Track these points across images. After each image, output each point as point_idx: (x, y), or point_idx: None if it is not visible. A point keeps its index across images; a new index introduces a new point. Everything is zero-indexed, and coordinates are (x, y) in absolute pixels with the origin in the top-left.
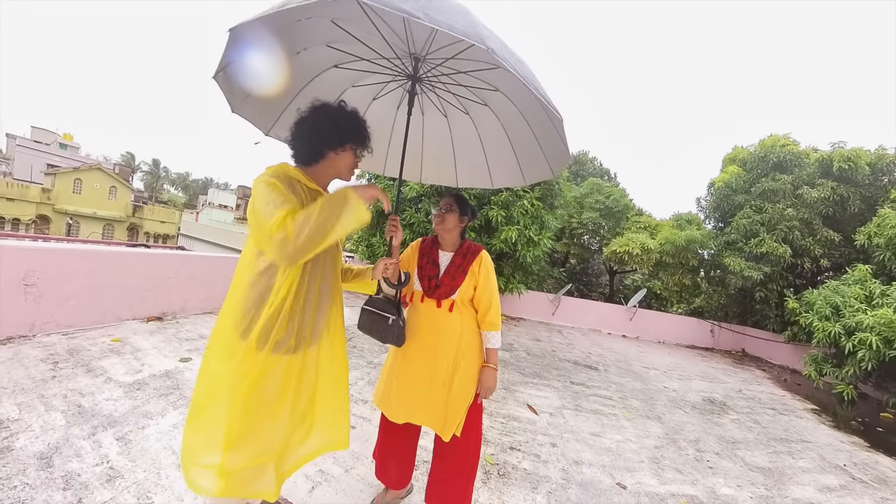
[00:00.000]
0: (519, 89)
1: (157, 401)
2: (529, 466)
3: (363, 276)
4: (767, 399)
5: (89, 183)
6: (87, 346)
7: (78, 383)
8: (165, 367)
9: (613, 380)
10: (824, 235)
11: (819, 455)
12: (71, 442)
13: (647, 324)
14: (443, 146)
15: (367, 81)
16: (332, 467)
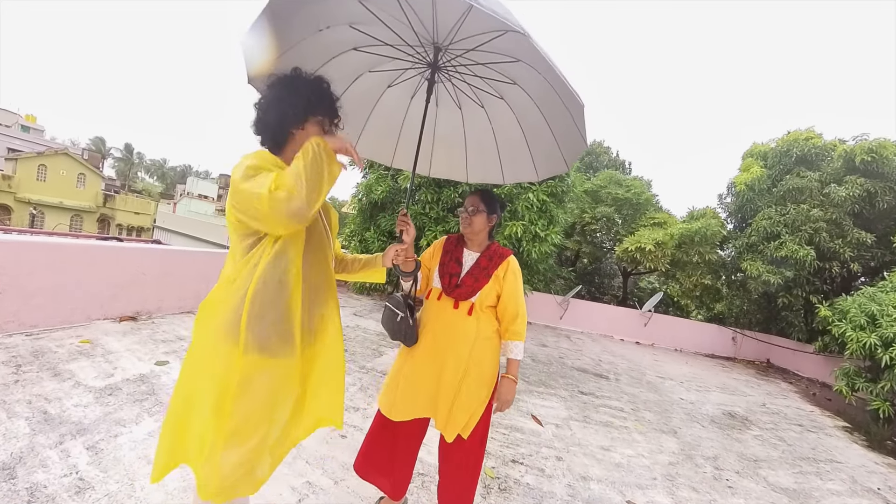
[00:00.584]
0: (537, 81)
1: (131, 407)
2: (533, 481)
3: (372, 264)
4: (794, 414)
5: (55, 169)
6: (54, 347)
7: (44, 388)
8: (140, 370)
9: (625, 390)
10: (855, 237)
11: (850, 477)
12: (36, 451)
13: (662, 330)
14: (455, 139)
15: (385, 67)
16: (320, 479)
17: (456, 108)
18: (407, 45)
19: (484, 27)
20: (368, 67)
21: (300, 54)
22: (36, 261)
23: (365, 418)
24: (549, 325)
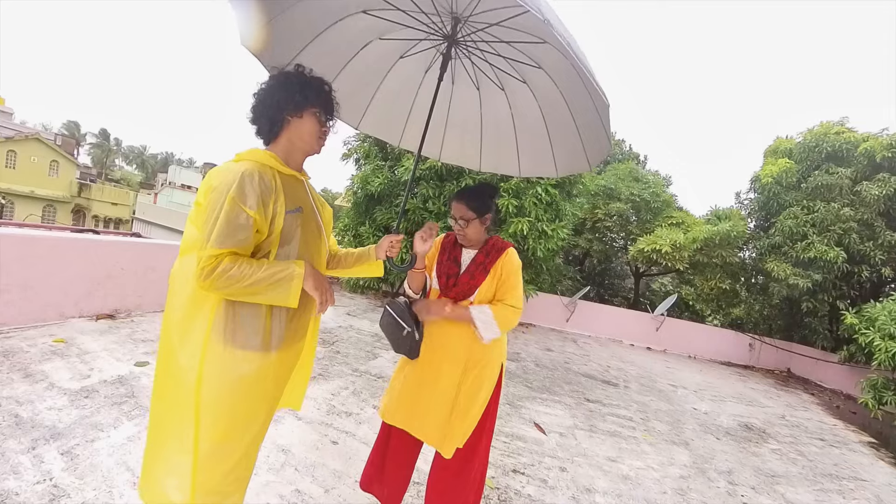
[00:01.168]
0: (565, 69)
1: (109, 410)
2: (534, 492)
3: (366, 257)
4: (815, 428)
5: (25, 155)
6: (25, 347)
7: (14, 390)
8: (118, 371)
9: (635, 398)
10: (887, 238)
11: (876, 496)
12: (7, 457)
13: (676, 335)
14: (470, 123)
15: (397, 35)
16: (310, 486)
17: (474, 88)
18: (422, 13)
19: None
20: (379, 34)
21: (303, 13)
22: (5, 254)
23: (358, 423)
24: (555, 328)
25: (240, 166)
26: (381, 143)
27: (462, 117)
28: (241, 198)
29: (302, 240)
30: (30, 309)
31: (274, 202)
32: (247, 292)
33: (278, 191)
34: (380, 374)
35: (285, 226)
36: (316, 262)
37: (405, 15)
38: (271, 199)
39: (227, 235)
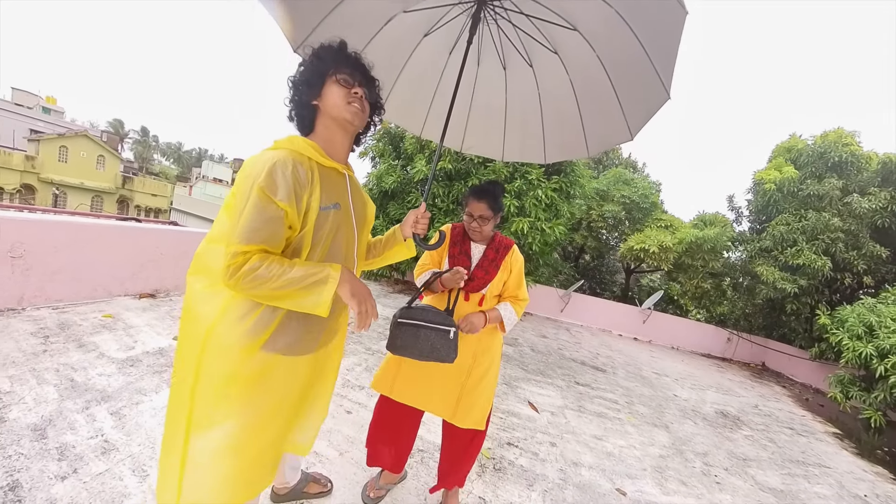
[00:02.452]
0: (605, 14)
1: (151, 378)
2: (526, 463)
3: (394, 239)
4: (786, 418)
5: (75, 151)
6: (79, 321)
7: (70, 358)
8: (159, 344)
9: (621, 383)
10: (870, 250)
11: (838, 482)
12: (64, 415)
13: (661, 328)
14: (494, 108)
15: (423, 4)
16: (326, 449)
17: (500, 68)
18: None
19: None
20: (403, 5)
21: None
22: (60, 239)
23: (369, 396)
24: (550, 317)
25: (274, 154)
26: (394, 143)
27: (486, 101)
28: (270, 188)
29: (334, 239)
30: (82, 287)
31: (308, 195)
32: (275, 296)
33: (314, 183)
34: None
35: (318, 223)
36: (347, 261)
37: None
38: (305, 191)
39: (253, 230)
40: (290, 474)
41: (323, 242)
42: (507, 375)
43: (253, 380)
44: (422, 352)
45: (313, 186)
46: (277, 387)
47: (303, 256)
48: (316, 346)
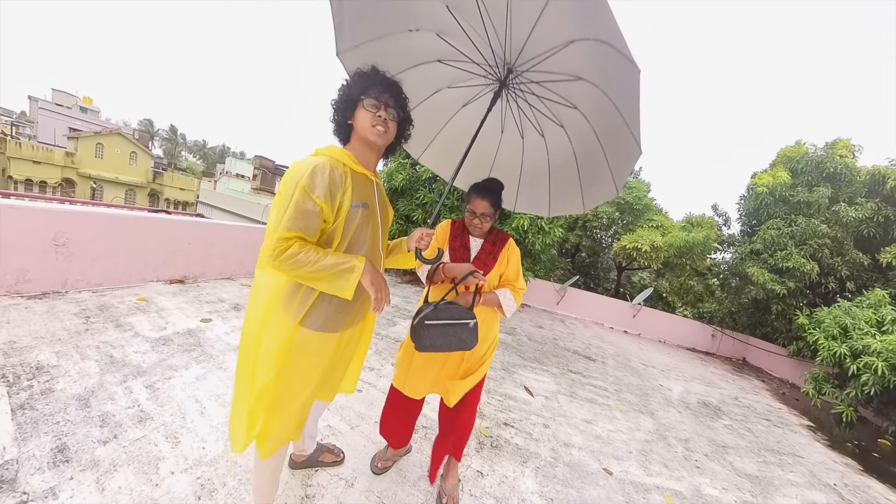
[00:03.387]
0: (597, 96)
1: (181, 355)
2: (521, 442)
3: (398, 248)
4: (763, 409)
5: (110, 148)
6: (116, 303)
7: (109, 336)
8: (188, 325)
9: (611, 372)
10: (854, 257)
11: (810, 471)
12: (105, 387)
13: (650, 322)
14: (511, 169)
15: (462, 83)
16: (339, 424)
17: (518, 136)
18: (484, 60)
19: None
20: (448, 82)
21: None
22: (98, 229)
23: (378, 377)
24: (547, 309)
25: (315, 160)
26: None
27: (505, 162)
28: (310, 187)
29: (363, 234)
30: (118, 273)
31: (342, 195)
32: (310, 277)
33: (347, 185)
34: (397, 338)
35: (348, 218)
36: (374, 256)
37: (469, 62)
38: (339, 191)
39: (294, 220)
40: (308, 443)
41: (352, 235)
42: (505, 362)
43: (293, 350)
44: (450, 346)
45: (346, 188)
46: (310, 358)
47: (333, 246)
48: (342, 327)
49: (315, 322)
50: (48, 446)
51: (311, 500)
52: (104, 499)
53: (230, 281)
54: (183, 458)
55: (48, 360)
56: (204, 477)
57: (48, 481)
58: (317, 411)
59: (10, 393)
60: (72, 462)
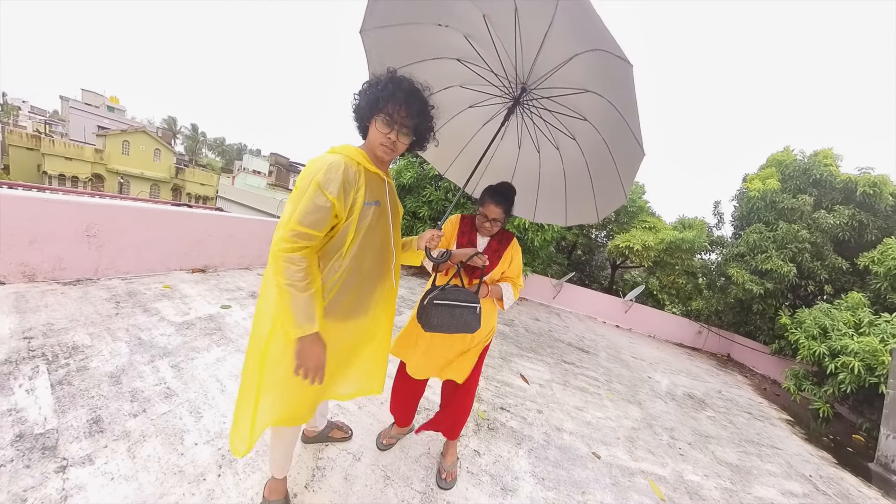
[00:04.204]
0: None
1: (203, 338)
2: (516, 426)
3: (409, 246)
4: (745, 403)
5: (136, 145)
6: (143, 290)
7: (137, 320)
8: (209, 311)
9: (602, 364)
10: (832, 261)
11: (787, 462)
12: (134, 366)
13: (640, 318)
14: (530, 181)
15: (474, 86)
16: (348, 404)
17: (535, 152)
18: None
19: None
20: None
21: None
22: (127, 221)
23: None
24: (544, 303)
25: (330, 157)
26: None
27: (524, 176)
28: (325, 184)
29: (375, 231)
30: (144, 262)
31: (355, 192)
32: (281, 287)
33: (360, 183)
34: (402, 326)
35: (362, 215)
36: (386, 253)
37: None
38: (353, 189)
39: (307, 214)
40: (319, 421)
41: (364, 231)
42: (502, 351)
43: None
44: (456, 327)
45: (359, 185)
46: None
47: (347, 242)
48: (355, 317)
49: (331, 313)
50: (84, 418)
51: (321, 471)
52: (135, 466)
53: (247, 271)
54: (205, 430)
55: (83, 340)
56: (224, 448)
57: (85, 449)
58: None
59: (49, 370)
60: (106, 432)
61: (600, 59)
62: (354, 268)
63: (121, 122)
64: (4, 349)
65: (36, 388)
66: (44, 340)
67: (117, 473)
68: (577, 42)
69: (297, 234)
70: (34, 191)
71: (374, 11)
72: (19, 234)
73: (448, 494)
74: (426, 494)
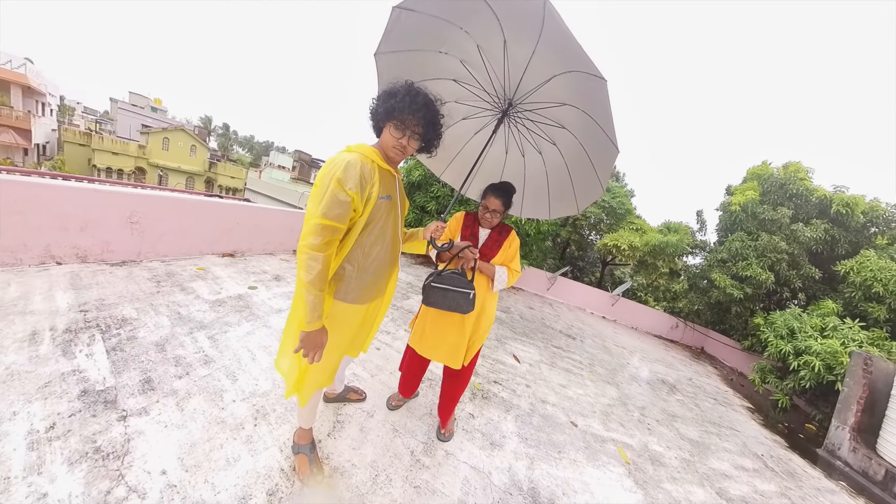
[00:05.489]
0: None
1: (234, 315)
2: (506, 396)
3: (415, 236)
4: (712, 391)
5: (175, 141)
6: (180, 271)
7: (176, 297)
8: (238, 291)
9: (587, 349)
10: (807, 271)
11: (742, 442)
12: (176, 337)
13: (626, 311)
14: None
15: (468, 102)
16: (362, 373)
17: (520, 155)
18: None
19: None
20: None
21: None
22: (165, 209)
23: (394, 339)
24: (538, 294)
25: (348, 156)
26: None
27: (510, 177)
28: (344, 180)
29: (387, 222)
30: (181, 246)
31: (370, 187)
32: (299, 278)
33: (375, 179)
34: (410, 310)
35: (376, 207)
36: (394, 241)
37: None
38: (368, 184)
39: (330, 208)
40: (337, 385)
41: (377, 222)
42: (499, 334)
43: (329, 318)
44: (448, 307)
45: (374, 181)
46: (340, 324)
47: (361, 230)
48: (369, 299)
49: (346, 297)
50: (137, 378)
51: (341, 424)
52: (184, 417)
53: (272, 256)
54: (241, 390)
55: (130, 314)
56: (258, 404)
57: (140, 403)
58: (344, 363)
59: (104, 338)
60: (156, 390)
61: (576, 78)
62: (372, 256)
63: (162, 121)
64: (65, 320)
65: (94, 353)
66: (97, 313)
67: (169, 422)
68: (556, 65)
69: (322, 228)
70: (85, 182)
71: (388, 39)
72: (73, 221)
73: (446, 445)
74: (428, 444)
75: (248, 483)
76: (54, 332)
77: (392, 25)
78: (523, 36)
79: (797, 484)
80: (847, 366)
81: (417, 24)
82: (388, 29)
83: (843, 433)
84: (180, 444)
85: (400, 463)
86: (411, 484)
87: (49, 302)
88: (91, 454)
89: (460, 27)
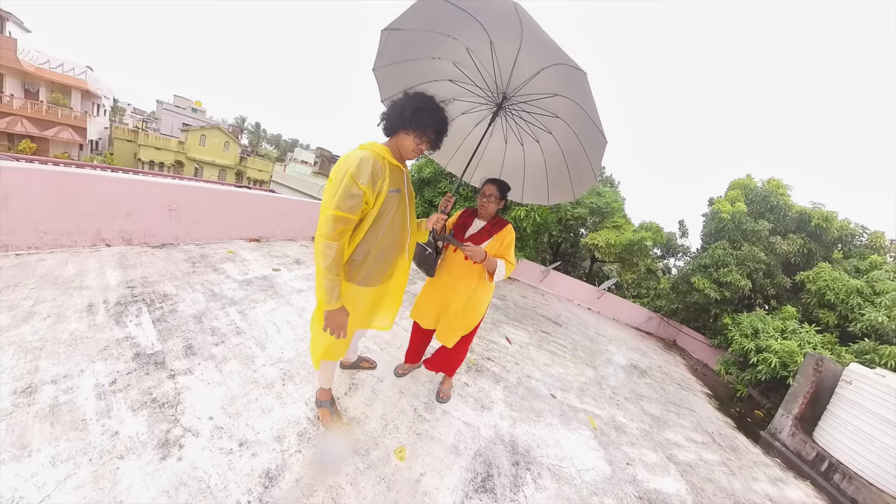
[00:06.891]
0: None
1: (260, 293)
2: (497, 371)
3: (421, 226)
4: (678, 378)
5: (211, 138)
6: (212, 254)
7: (209, 277)
8: (263, 273)
9: (571, 336)
10: (780, 280)
11: (696, 421)
12: (210, 311)
13: (609, 304)
14: (517, 169)
15: (465, 98)
16: (373, 346)
17: (518, 144)
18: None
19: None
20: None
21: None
22: (199, 198)
23: (400, 318)
24: (532, 285)
25: (361, 153)
26: None
27: (511, 165)
28: (357, 175)
29: (398, 214)
30: (213, 231)
31: (381, 182)
32: (317, 265)
33: (385, 174)
34: (416, 293)
35: (387, 200)
36: (404, 232)
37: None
38: (380, 179)
39: (343, 200)
40: (351, 355)
41: (388, 214)
42: (494, 318)
43: (346, 298)
44: (417, 262)
45: (385, 176)
46: (352, 304)
47: (377, 223)
48: (379, 282)
49: (358, 280)
50: (180, 345)
51: (355, 386)
52: (222, 376)
53: (293, 241)
54: (269, 357)
55: (170, 290)
56: (285, 369)
57: (184, 365)
58: (357, 336)
59: (149, 311)
60: (197, 355)
61: (562, 70)
62: (382, 244)
63: (200, 121)
64: (115, 294)
65: (142, 323)
66: (142, 289)
67: (211, 380)
68: (542, 59)
69: (336, 219)
70: (130, 174)
71: (383, 55)
72: (120, 208)
73: (443, 406)
74: (428, 405)
75: (281, 427)
76: (107, 305)
77: (383, 46)
78: (508, 36)
79: (737, 456)
80: (800, 364)
81: (408, 40)
82: (381, 49)
83: (787, 420)
84: (222, 398)
85: (405, 417)
86: (414, 432)
87: (101, 279)
88: (149, 403)
89: (447, 35)
